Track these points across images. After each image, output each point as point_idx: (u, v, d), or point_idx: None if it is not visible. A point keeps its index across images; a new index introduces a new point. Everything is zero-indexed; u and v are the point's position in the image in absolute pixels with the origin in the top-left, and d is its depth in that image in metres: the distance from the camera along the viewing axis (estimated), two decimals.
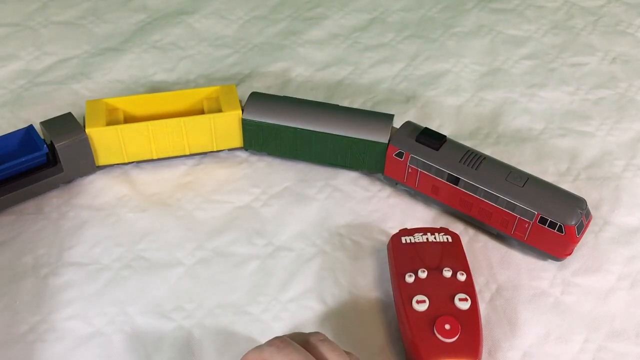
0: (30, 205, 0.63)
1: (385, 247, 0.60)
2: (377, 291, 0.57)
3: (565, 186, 0.65)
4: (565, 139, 0.72)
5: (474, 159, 0.60)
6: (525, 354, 0.53)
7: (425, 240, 0.57)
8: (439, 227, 0.59)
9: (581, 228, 0.57)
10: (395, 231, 0.59)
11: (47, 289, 0.57)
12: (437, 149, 0.61)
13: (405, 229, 0.58)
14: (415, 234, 0.57)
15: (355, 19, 0.90)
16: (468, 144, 0.68)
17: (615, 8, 0.92)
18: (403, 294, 0.53)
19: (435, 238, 0.57)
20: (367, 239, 0.61)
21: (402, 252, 0.56)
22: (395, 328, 0.54)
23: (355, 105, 0.76)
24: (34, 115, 0.73)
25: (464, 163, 0.60)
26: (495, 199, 0.59)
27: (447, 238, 0.57)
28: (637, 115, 0.76)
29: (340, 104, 0.69)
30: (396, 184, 0.65)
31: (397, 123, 0.66)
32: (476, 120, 0.74)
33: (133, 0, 0.92)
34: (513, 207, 0.58)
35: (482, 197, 0.59)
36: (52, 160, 0.63)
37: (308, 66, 0.82)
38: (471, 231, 0.62)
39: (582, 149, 0.71)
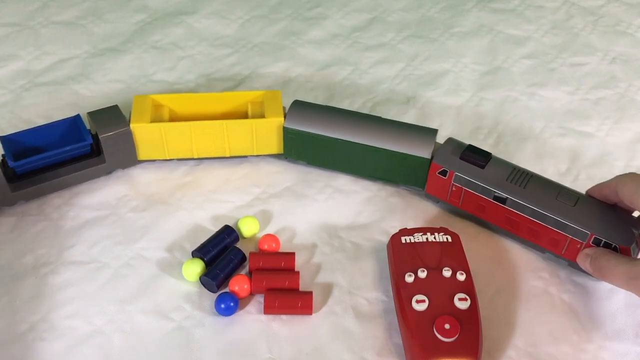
0: (31, 205, 0.63)
1: (385, 247, 0.60)
2: (377, 291, 0.57)
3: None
4: (565, 139, 0.72)
5: (521, 177, 0.58)
6: (525, 354, 0.53)
7: (425, 240, 0.57)
8: (438, 227, 0.59)
9: (636, 249, 0.55)
10: (395, 231, 0.59)
11: (47, 288, 0.57)
12: (483, 167, 0.59)
13: (405, 228, 0.58)
14: (415, 234, 0.57)
15: (355, 19, 0.90)
16: (468, 143, 0.67)
17: (615, 8, 0.92)
18: (403, 293, 0.53)
19: (435, 238, 0.57)
20: (367, 239, 0.61)
21: (401, 252, 0.56)
22: (395, 328, 0.54)
23: (356, 106, 0.76)
24: (34, 115, 0.73)
25: (511, 181, 0.58)
26: (545, 219, 0.57)
27: (446, 238, 0.57)
28: (636, 115, 0.76)
29: (383, 116, 0.67)
30: (437, 201, 0.64)
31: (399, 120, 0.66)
32: (476, 120, 0.75)
33: (133, 0, 0.92)
34: (564, 227, 0.56)
35: (531, 217, 0.58)
36: (95, 150, 0.64)
37: (308, 66, 0.82)
38: (471, 231, 0.62)
39: (582, 149, 0.71)
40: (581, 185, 0.67)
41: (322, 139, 0.64)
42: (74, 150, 0.63)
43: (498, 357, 0.53)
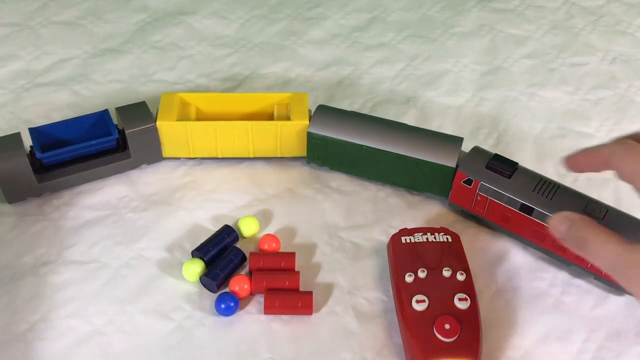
0: (31, 205, 0.63)
1: (385, 247, 0.60)
2: (377, 291, 0.57)
3: None
4: (565, 139, 0.72)
5: (548, 187, 0.58)
6: (525, 354, 0.53)
7: (425, 240, 0.57)
8: (439, 227, 0.59)
9: None
10: (395, 231, 0.59)
11: (47, 288, 0.57)
12: (509, 177, 0.59)
13: (405, 228, 0.59)
14: (415, 234, 0.57)
15: (355, 19, 0.90)
16: (468, 143, 0.67)
17: (615, 8, 0.92)
18: (403, 293, 0.53)
19: (435, 238, 0.57)
20: (367, 239, 0.61)
21: (401, 251, 0.56)
22: (395, 328, 0.54)
23: (356, 106, 0.76)
24: (34, 115, 0.73)
25: (538, 192, 0.57)
26: None
27: (447, 238, 0.57)
28: (636, 117, 0.76)
29: (408, 123, 0.66)
30: (461, 210, 0.63)
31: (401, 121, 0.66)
32: (476, 120, 0.74)
33: (133, 0, 0.92)
34: None
35: None
36: (121, 145, 0.65)
37: (308, 66, 0.82)
38: (471, 231, 0.62)
39: None
40: (581, 186, 0.67)
41: (346, 145, 0.64)
42: (101, 144, 0.64)
43: (498, 357, 0.53)
